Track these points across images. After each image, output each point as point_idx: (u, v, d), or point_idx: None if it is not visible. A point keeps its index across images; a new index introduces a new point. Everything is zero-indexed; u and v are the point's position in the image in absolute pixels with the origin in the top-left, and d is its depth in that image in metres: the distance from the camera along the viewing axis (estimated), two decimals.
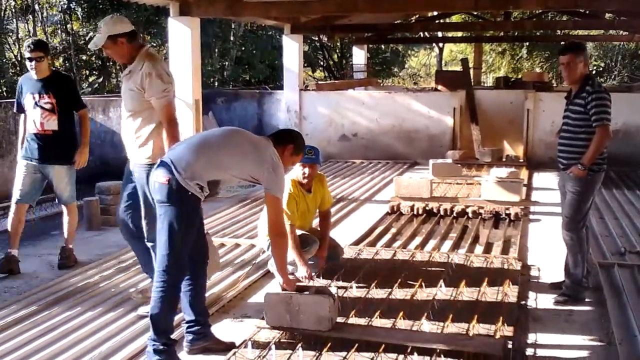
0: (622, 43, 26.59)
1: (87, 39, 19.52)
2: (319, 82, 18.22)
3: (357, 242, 6.81)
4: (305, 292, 4.30)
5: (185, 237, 3.96)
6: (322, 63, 27.54)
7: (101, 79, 20.06)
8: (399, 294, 5.11)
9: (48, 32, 20.52)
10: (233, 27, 21.21)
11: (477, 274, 5.57)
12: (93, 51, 19.99)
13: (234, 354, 4.03)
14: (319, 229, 5.91)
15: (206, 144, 4.13)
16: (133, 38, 4.71)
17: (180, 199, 3.89)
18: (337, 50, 26.33)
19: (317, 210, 5.85)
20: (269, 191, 4.11)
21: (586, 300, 5.17)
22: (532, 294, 5.31)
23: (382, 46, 26.97)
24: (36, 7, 20.08)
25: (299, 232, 5.46)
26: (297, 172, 5.52)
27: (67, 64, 20.04)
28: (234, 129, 4.38)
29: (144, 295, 4.93)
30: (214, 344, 4.24)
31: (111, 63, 21.06)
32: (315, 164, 5.54)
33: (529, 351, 4.25)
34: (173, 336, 4.11)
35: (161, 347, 3.95)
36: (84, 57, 20.49)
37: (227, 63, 21.62)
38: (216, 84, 20.85)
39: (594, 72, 27.23)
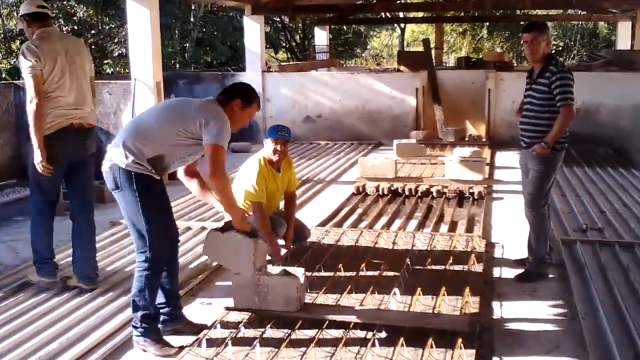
0: (580, 22, 26.96)
1: None
2: (282, 64, 18.14)
3: (323, 223, 6.83)
4: (273, 274, 4.31)
5: (156, 216, 3.95)
6: (284, 44, 27.43)
7: None
8: (366, 273, 5.14)
9: (4, 15, 20.04)
10: (193, 8, 20.96)
11: (442, 253, 5.63)
12: None
13: (204, 336, 4.02)
14: (284, 210, 5.90)
15: (137, 121, 4.09)
16: (34, 20, 4.97)
17: (128, 182, 3.86)
18: (300, 32, 26.24)
19: (283, 193, 5.84)
20: (207, 142, 3.85)
21: (549, 276, 5.26)
22: (496, 271, 5.39)
23: (345, 27, 26.95)
24: None
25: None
26: (268, 149, 5.43)
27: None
28: (170, 100, 4.36)
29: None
30: (185, 326, 4.23)
31: None
32: (287, 142, 5.48)
33: (494, 326, 4.32)
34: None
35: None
36: None
37: (187, 45, 21.39)
38: (177, 65, 20.62)
39: (553, 51, 27.55)
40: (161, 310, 4.19)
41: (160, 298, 4.18)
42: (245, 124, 4.24)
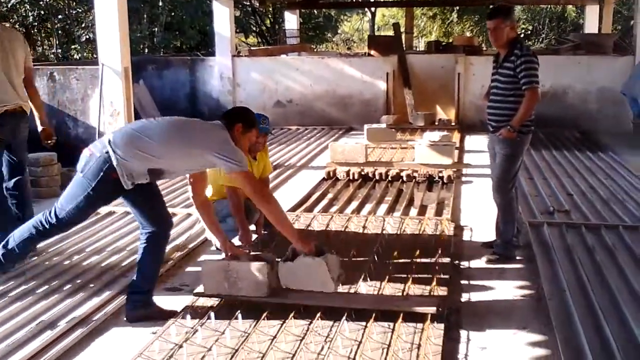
0: (549, 6, 27.13)
1: (9, 5, 18.81)
2: (252, 48, 18.05)
3: (294, 208, 6.83)
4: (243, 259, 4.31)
5: (87, 211, 4.29)
6: (254, 28, 27.25)
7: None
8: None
9: None
10: None
11: (412, 236, 5.68)
12: (17, 18, 19.31)
13: (173, 322, 4.02)
14: None
15: (141, 134, 4.05)
16: None
17: (93, 176, 4.01)
18: (270, 16, 26.08)
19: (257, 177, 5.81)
20: (231, 171, 4.03)
21: (517, 258, 5.33)
22: (465, 254, 5.45)
23: (315, 11, 26.84)
24: None
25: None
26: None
27: None
28: (178, 120, 4.30)
29: None
30: (155, 312, 4.23)
31: (36, 31, 20.41)
32: (267, 134, 5.53)
33: (463, 308, 4.37)
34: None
35: None
36: (7, 25, 19.72)
37: (156, 29, 21.13)
38: (146, 50, 20.39)
39: (522, 35, 27.74)
40: (133, 296, 4.19)
41: (135, 281, 4.23)
42: (245, 147, 4.36)
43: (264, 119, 5.45)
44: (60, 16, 19.62)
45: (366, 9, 31.08)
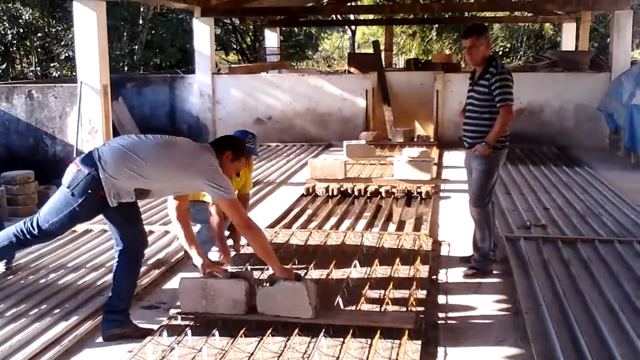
0: (527, 24, 27.45)
1: None
2: (232, 66, 18.08)
3: (273, 225, 6.83)
4: (220, 277, 4.30)
5: (69, 226, 4.30)
6: (235, 46, 27.30)
7: (4, 65, 19.29)
8: (314, 274, 5.17)
9: None
10: (142, 10, 20.72)
11: (390, 252, 5.69)
12: None
13: (150, 340, 3.99)
14: None
15: (130, 152, 4.03)
16: None
17: (80, 192, 3.98)
18: (250, 34, 26.15)
19: (237, 192, 5.80)
20: (219, 199, 4.07)
21: (494, 272, 5.37)
22: (442, 269, 5.47)
23: (295, 29, 26.96)
24: None
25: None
26: None
27: None
28: (169, 141, 4.26)
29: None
30: (132, 331, 4.20)
31: (15, 49, 20.30)
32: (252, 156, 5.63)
33: (440, 323, 4.39)
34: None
35: None
36: None
37: (136, 47, 21.12)
38: (126, 68, 20.35)
39: (500, 53, 28.03)
40: (108, 315, 4.16)
41: (111, 300, 4.20)
42: (231, 175, 4.37)
43: (250, 137, 5.49)
44: (39, 34, 19.56)
45: (346, 27, 31.27)
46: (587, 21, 18.61)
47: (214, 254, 5.27)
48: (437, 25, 27.73)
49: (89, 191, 3.95)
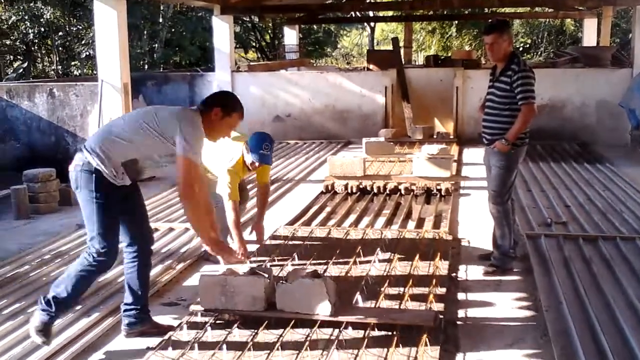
0: (547, 20, 27.24)
1: (10, 23, 18.90)
2: (251, 63, 18.11)
3: (292, 222, 6.84)
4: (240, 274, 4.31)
5: (109, 222, 3.93)
6: (254, 44, 27.38)
7: (26, 64, 19.49)
8: (333, 271, 5.17)
9: None
10: (162, 8, 20.84)
11: (409, 249, 5.68)
12: (17, 35, 19.40)
13: (170, 337, 4.02)
14: (257, 201, 5.84)
15: (109, 125, 4.11)
16: None
17: (87, 183, 3.87)
18: (269, 31, 26.19)
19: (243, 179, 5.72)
20: (181, 152, 3.79)
21: (514, 270, 5.34)
22: (462, 266, 5.45)
23: (314, 26, 26.96)
24: None
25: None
26: (248, 159, 5.29)
27: None
28: (148, 106, 4.26)
29: None
30: (152, 327, 4.22)
31: (36, 48, 20.49)
32: (269, 164, 5.44)
33: (460, 320, 4.37)
34: None
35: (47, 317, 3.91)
36: (8, 42, 19.86)
37: (156, 45, 21.25)
38: (146, 66, 20.49)
39: (520, 49, 27.84)
40: (127, 313, 4.18)
41: (127, 299, 4.18)
42: (224, 134, 4.11)
43: (267, 144, 5.22)
44: (60, 33, 19.73)
45: (365, 24, 31.19)
46: (609, 16, 18.40)
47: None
48: (456, 22, 27.60)
49: (93, 176, 3.85)
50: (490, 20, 5.55)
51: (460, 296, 4.81)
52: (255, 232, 5.67)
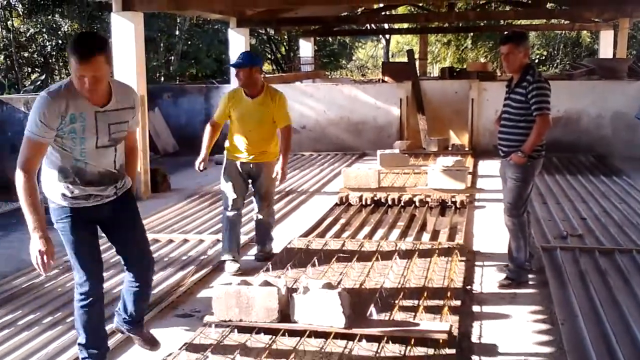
0: (563, 32, 27.17)
1: (28, 35, 19.10)
2: (267, 75, 18.18)
3: (306, 234, 6.84)
4: (255, 284, 4.32)
5: (77, 252, 3.67)
6: (269, 56, 27.48)
7: (44, 77, 19.67)
8: (347, 282, 5.17)
9: None
10: (178, 21, 21.00)
11: (423, 261, 5.66)
12: (35, 48, 19.59)
13: (184, 348, 4.02)
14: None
15: None
16: None
17: (51, 218, 3.63)
18: (285, 43, 26.30)
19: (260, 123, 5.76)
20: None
21: (529, 283, 5.30)
22: (477, 278, 5.43)
23: (330, 38, 27.04)
24: None
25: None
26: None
27: (8, 62, 19.59)
28: None
29: None
30: (140, 338, 4.04)
31: (54, 60, 20.69)
32: (241, 68, 5.55)
33: (474, 333, 4.35)
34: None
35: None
36: (26, 54, 20.06)
37: (172, 58, 21.40)
38: (162, 78, 20.63)
39: (536, 61, 27.75)
40: (119, 316, 4.01)
41: (121, 309, 3.97)
42: (80, 86, 3.35)
43: (241, 53, 5.85)
44: None
45: (380, 36, 31.26)
46: (625, 28, 18.32)
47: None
48: (472, 34, 27.60)
49: (49, 208, 3.62)
50: (507, 31, 5.55)
51: (475, 309, 4.79)
52: (278, 174, 5.72)
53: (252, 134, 5.72)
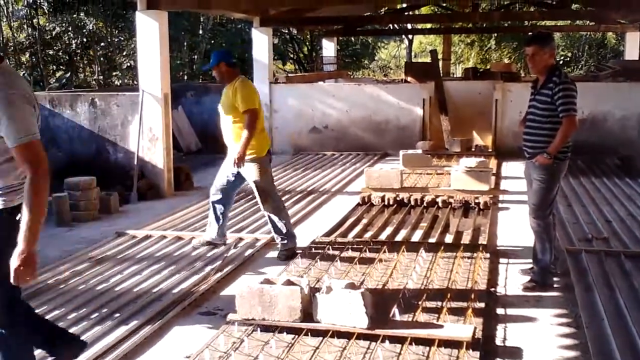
0: (588, 33, 26.92)
1: (53, 33, 19.28)
2: (289, 75, 18.19)
3: (329, 234, 6.83)
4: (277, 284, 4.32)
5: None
6: (292, 56, 27.51)
7: (69, 74, 19.85)
8: (370, 283, 5.15)
9: (14, 27, 20.22)
10: (202, 20, 21.08)
11: (447, 263, 5.63)
12: (60, 46, 19.77)
13: (207, 346, 4.03)
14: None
15: None
16: None
17: None
18: (307, 43, 26.30)
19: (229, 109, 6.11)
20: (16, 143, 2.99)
21: (554, 285, 5.25)
22: (501, 281, 5.38)
23: (352, 38, 27.00)
24: (1, 1, 19.79)
25: None
26: None
27: (34, 59, 19.79)
28: None
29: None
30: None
31: (79, 58, 20.86)
32: (211, 68, 6.17)
33: (499, 336, 4.31)
34: None
35: None
36: (51, 52, 20.25)
37: (196, 56, 21.49)
38: (185, 77, 20.73)
39: (561, 62, 27.52)
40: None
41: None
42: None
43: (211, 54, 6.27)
44: (102, 44, 20.07)
45: (403, 36, 31.17)
46: None
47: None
48: (496, 34, 27.43)
49: None
50: (532, 32, 5.50)
51: (499, 311, 4.75)
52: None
53: (222, 124, 6.18)
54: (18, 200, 3.15)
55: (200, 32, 21.29)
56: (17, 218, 3.06)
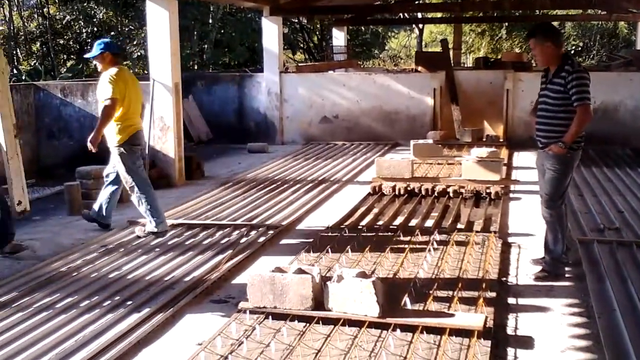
0: (600, 22, 26.73)
1: (64, 23, 19.32)
2: (299, 64, 18.17)
3: (339, 223, 6.83)
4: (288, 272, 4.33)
5: None
6: (302, 45, 27.46)
7: (80, 64, 19.91)
8: (381, 272, 5.16)
9: (24, 17, 20.27)
10: (212, 9, 21.07)
11: (458, 252, 5.63)
12: (70, 35, 19.81)
13: (219, 334, 4.05)
14: None
15: None
16: None
17: None
18: (317, 32, 26.25)
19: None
20: None
21: (566, 275, 5.24)
22: (512, 270, 5.38)
23: (362, 28, 26.94)
24: None
25: None
26: None
27: (45, 49, 19.84)
28: None
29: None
30: None
31: (89, 47, 20.91)
32: (95, 57, 6.55)
33: (510, 326, 4.31)
34: None
35: None
36: (62, 42, 20.29)
37: (206, 46, 21.50)
38: (196, 67, 20.74)
39: (572, 51, 27.36)
40: None
41: None
42: None
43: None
44: (113, 33, 20.10)
45: (414, 26, 31.04)
46: None
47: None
48: (506, 24, 27.28)
49: None
50: (534, 25, 5.48)
51: (511, 301, 4.74)
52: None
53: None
54: None
55: (210, 21, 21.29)
56: None
